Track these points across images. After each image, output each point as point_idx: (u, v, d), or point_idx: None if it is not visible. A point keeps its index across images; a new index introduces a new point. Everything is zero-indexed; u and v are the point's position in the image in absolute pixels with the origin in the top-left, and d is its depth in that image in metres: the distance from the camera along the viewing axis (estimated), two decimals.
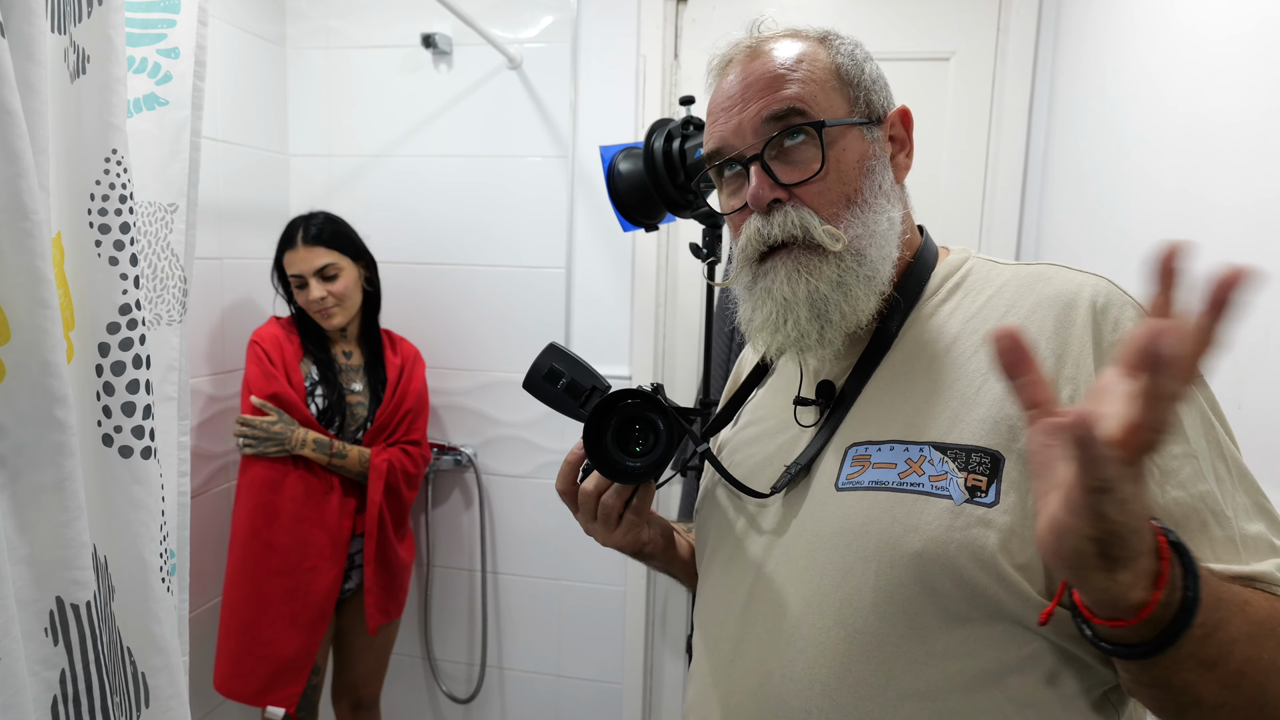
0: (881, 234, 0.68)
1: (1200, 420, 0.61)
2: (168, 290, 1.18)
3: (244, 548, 1.74)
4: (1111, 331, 0.63)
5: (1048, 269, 0.70)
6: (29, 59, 0.73)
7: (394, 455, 1.86)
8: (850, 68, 0.70)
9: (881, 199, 0.69)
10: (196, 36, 1.17)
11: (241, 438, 1.72)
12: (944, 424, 0.64)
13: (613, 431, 0.72)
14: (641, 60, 1.99)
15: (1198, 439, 0.60)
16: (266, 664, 1.72)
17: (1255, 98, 1.04)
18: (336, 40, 2.15)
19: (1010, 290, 0.69)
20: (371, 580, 1.85)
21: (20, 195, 0.70)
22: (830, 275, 0.68)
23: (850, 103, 0.70)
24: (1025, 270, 0.71)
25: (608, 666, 2.19)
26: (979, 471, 0.61)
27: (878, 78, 0.72)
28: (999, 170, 1.87)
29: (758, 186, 0.68)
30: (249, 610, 1.73)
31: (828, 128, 0.67)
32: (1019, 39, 1.83)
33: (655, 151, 1.43)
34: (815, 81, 0.68)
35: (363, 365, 1.90)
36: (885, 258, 0.69)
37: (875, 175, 0.69)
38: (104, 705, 0.82)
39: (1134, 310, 0.64)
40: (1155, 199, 1.29)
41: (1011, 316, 0.67)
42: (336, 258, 1.80)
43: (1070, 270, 0.69)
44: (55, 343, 0.74)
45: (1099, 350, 0.63)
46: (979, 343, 0.67)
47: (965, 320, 0.69)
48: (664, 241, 2.05)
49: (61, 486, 0.75)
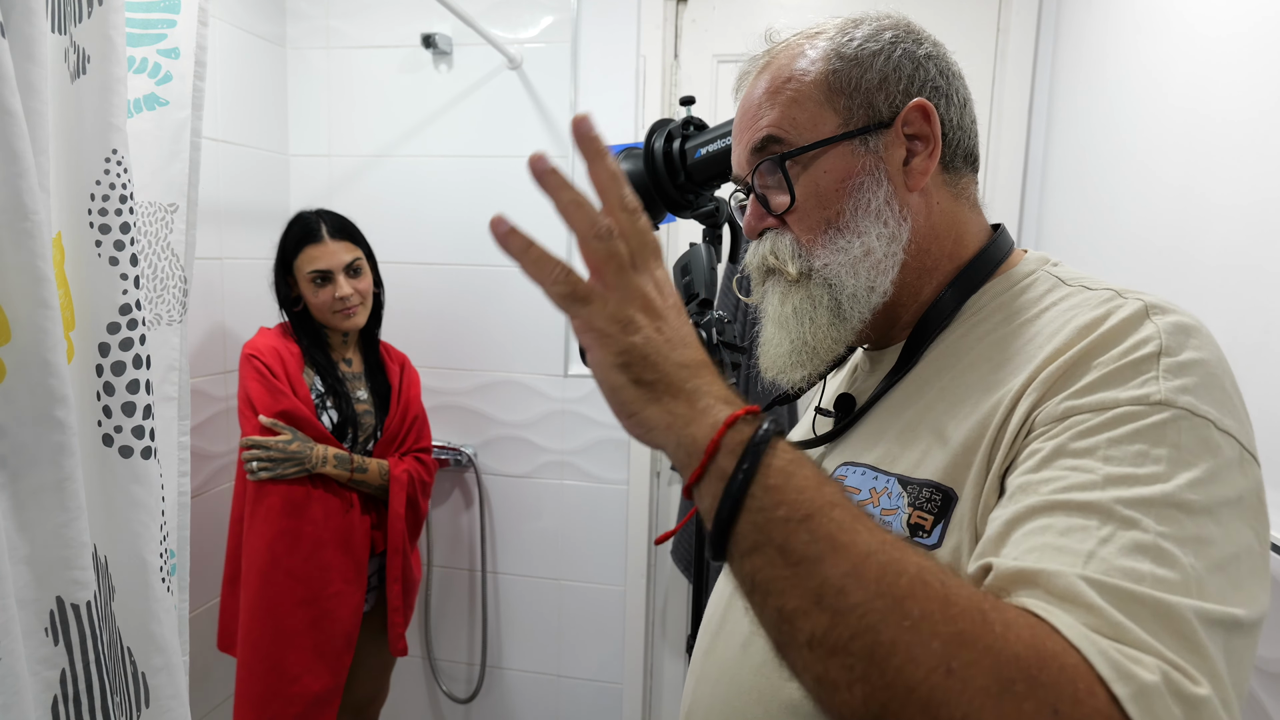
0: (853, 260, 0.64)
1: (1151, 442, 0.47)
2: (168, 290, 1.18)
3: (264, 580, 1.58)
4: (1101, 352, 0.53)
5: (1099, 295, 0.59)
6: (29, 59, 0.73)
7: (411, 465, 1.77)
8: (847, 71, 0.65)
9: (866, 220, 0.64)
10: (196, 36, 1.17)
11: (254, 461, 1.57)
12: (914, 457, 0.60)
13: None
14: (641, 60, 1.99)
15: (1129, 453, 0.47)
16: (295, 704, 1.58)
17: (1255, 96, 1.04)
18: (336, 40, 2.15)
19: (1052, 314, 0.59)
20: (399, 599, 1.73)
21: (20, 195, 0.70)
22: (795, 302, 0.68)
23: (843, 114, 0.65)
24: (1079, 296, 0.60)
25: (608, 666, 2.19)
26: (927, 510, 0.57)
27: (890, 73, 0.65)
28: (999, 170, 1.87)
29: (748, 217, 0.70)
30: (274, 648, 1.58)
31: (791, 159, 0.65)
32: (1019, 39, 1.83)
33: (655, 152, 1.43)
34: (799, 102, 0.65)
35: (364, 373, 1.81)
36: (867, 286, 0.65)
37: (863, 193, 0.64)
38: (104, 705, 0.82)
39: (1147, 329, 0.53)
40: (1155, 198, 1.29)
41: (1033, 345, 0.58)
42: (360, 254, 1.72)
43: (1118, 295, 0.58)
44: (55, 343, 0.74)
45: (1071, 365, 0.53)
46: (990, 369, 0.60)
47: (989, 343, 0.62)
48: (664, 241, 2.05)
49: (62, 486, 0.75)
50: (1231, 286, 1.07)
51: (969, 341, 0.64)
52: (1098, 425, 0.49)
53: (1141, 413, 0.48)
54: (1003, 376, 0.58)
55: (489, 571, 2.22)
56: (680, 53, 2.03)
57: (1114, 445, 0.48)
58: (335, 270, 1.67)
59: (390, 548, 1.74)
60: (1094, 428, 0.49)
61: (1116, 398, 0.50)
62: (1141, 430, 0.48)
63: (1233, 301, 1.06)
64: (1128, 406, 0.49)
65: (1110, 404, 0.49)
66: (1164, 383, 0.49)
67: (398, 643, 1.75)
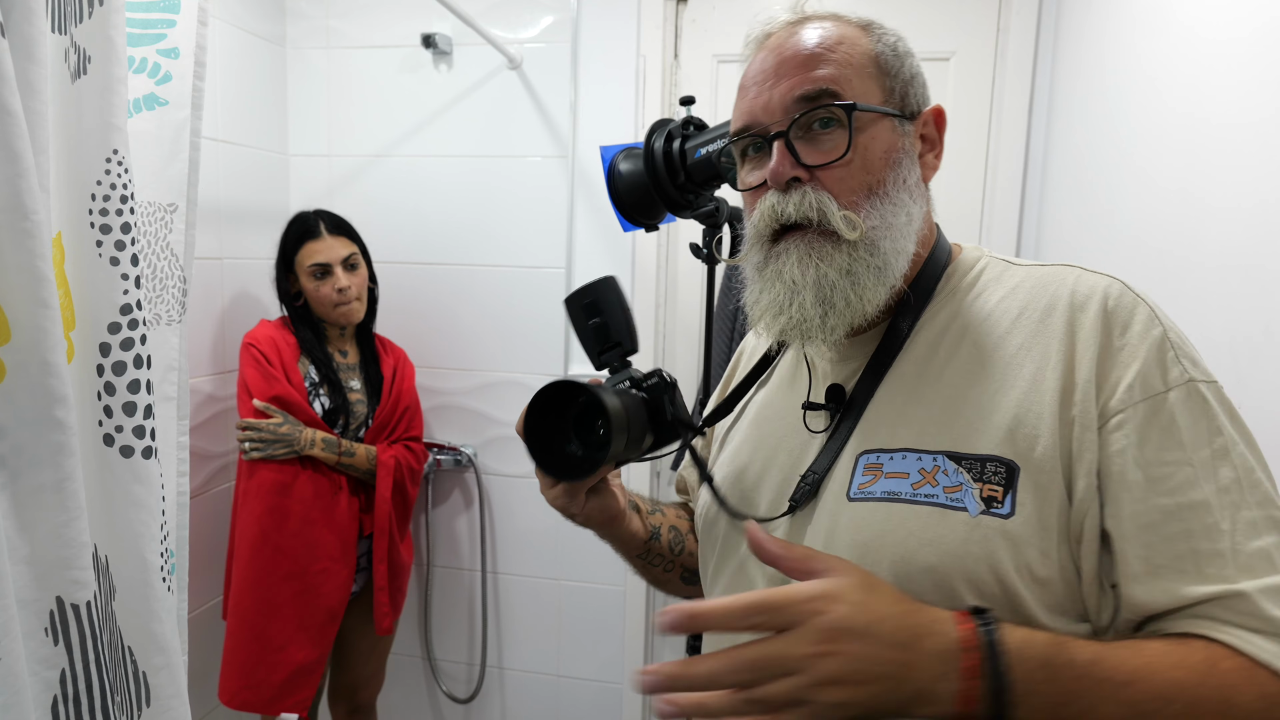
0: (899, 228, 0.67)
1: (1205, 424, 0.58)
2: (168, 290, 1.18)
3: (253, 553, 1.70)
4: (1120, 335, 0.61)
5: (1062, 269, 0.68)
6: (29, 59, 0.73)
7: (399, 452, 1.86)
8: (890, 58, 0.69)
9: (904, 194, 0.67)
10: (196, 36, 1.17)
11: (247, 442, 1.69)
12: (959, 432, 0.63)
13: (575, 416, 0.68)
14: (641, 60, 1.99)
15: (1198, 445, 0.58)
16: (279, 671, 1.69)
17: (1254, 101, 1.04)
18: (336, 40, 2.15)
19: (1024, 290, 0.68)
20: (384, 579, 1.83)
21: (20, 195, 0.70)
22: (840, 263, 0.66)
23: (886, 93, 0.68)
24: (1039, 271, 0.69)
25: (608, 666, 2.19)
26: (994, 482, 0.60)
27: (916, 73, 0.71)
28: (999, 170, 1.87)
29: (778, 162, 0.66)
30: (260, 617, 1.70)
31: (859, 112, 0.65)
32: (1019, 39, 1.83)
33: (655, 152, 1.43)
34: (852, 66, 0.67)
35: (359, 363, 1.89)
36: (900, 252, 0.67)
37: (901, 169, 0.67)
38: (104, 705, 0.82)
39: (1144, 312, 0.62)
40: (1155, 199, 1.29)
41: (1025, 319, 0.66)
42: (356, 249, 1.82)
43: (1084, 271, 0.67)
44: (55, 343, 0.74)
45: (1105, 353, 0.61)
46: (994, 344, 0.66)
47: (979, 321, 0.68)
48: (664, 241, 2.05)
49: (62, 486, 0.75)
50: (1230, 287, 1.07)
51: (954, 317, 0.69)
52: (1162, 420, 0.59)
53: (1188, 395, 0.59)
54: (1021, 355, 0.64)
55: (489, 571, 2.22)
56: (680, 53, 2.03)
57: (1181, 433, 0.58)
58: (333, 263, 1.77)
59: (377, 529, 1.83)
60: (1158, 423, 0.59)
61: (1158, 386, 0.60)
62: (1194, 410, 0.59)
63: (1232, 302, 1.06)
64: (1174, 390, 0.59)
65: (1156, 389, 0.60)
66: (1184, 362, 0.60)
67: (383, 621, 1.84)
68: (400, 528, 1.90)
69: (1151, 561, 0.56)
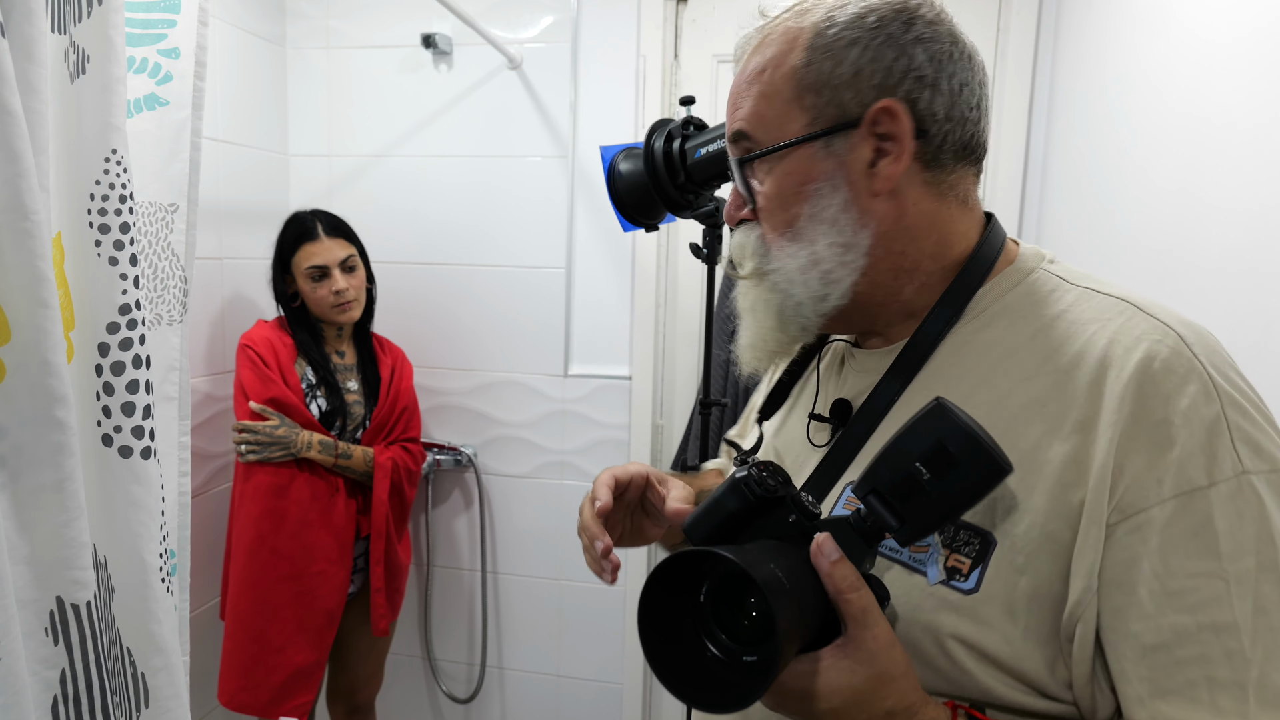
0: (801, 268, 0.63)
1: (1255, 528, 0.49)
2: (168, 290, 1.18)
3: (250, 555, 1.69)
4: (1159, 409, 0.51)
5: (1113, 305, 0.58)
6: (29, 59, 0.73)
7: (396, 453, 1.85)
8: (817, 67, 0.61)
9: (819, 229, 0.62)
10: (197, 36, 1.17)
11: (243, 444, 1.68)
12: None
13: (712, 600, 0.49)
14: (641, 60, 1.99)
15: (1238, 554, 0.49)
16: (278, 673, 1.69)
17: (1254, 103, 1.04)
18: (336, 40, 2.15)
19: (1061, 328, 0.58)
20: (381, 580, 1.83)
21: (20, 195, 0.70)
22: (751, 299, 0.68)
23: (811, 112, 0.61)
24: (1088, 303, 0.59)
25: (608, 666, 2.19)
26: (964, 553, 0.55)
27: (865, 65, 0.60)
28: (999, 170, 1.87)
29: (729, 205, 0.69)
30: (257, 619, 1.69)
31: (748, 162, 0.65)
32: (1019, 39, 1.83)
33: (655, 151, 1.43)
34: (769, 97, 0.63)
35: (356, 364, 1.89)
36: (815, 295, 0.63)
37: (818, 200, 0.62)
38: (104, 705, 0.82)
39: (1198, 383, 0.51)
40: (1155, 199, 1.29)
41: (1049, 367, 0.57)
42: (354, 251, 1.81)
43: (1138, 312, 0.56)
44: (55, 343, 0.74)
45: (1132, 431, 0.51)
46: (1006, 391, 0.58)
47: (1000, 357, 0.60)
48: (664, 241, 2.05)
49: (61, 486, 0.75)
50: (1229, 288, 1.07)
51: (975, 348, 0.61)
52: (1193, 522, 0.50)
53: (1237, 491, 0.50)
54: (1032, 412, 0.56)
55: (489, 571, 2.22)
56: (680, 52, 2.03)
57: (1218, 540, 0.49)
58: (331, 266, 1.76)
59: (374, 531, 1.83)
60: (1187, 526, 0.50)
61: (1198, 481, 0.50)
62: (1242, 511, 0.49)
63: (1231, 302, 1.06)
64: (1218, 486, 0.50)
65: (1194, 484, 0.50)
66: (1240, 450, 0.51)
67: (380, 622, 1.84)
68: (398, 529, 1.90)
69: (1158, 685, 0.49)
